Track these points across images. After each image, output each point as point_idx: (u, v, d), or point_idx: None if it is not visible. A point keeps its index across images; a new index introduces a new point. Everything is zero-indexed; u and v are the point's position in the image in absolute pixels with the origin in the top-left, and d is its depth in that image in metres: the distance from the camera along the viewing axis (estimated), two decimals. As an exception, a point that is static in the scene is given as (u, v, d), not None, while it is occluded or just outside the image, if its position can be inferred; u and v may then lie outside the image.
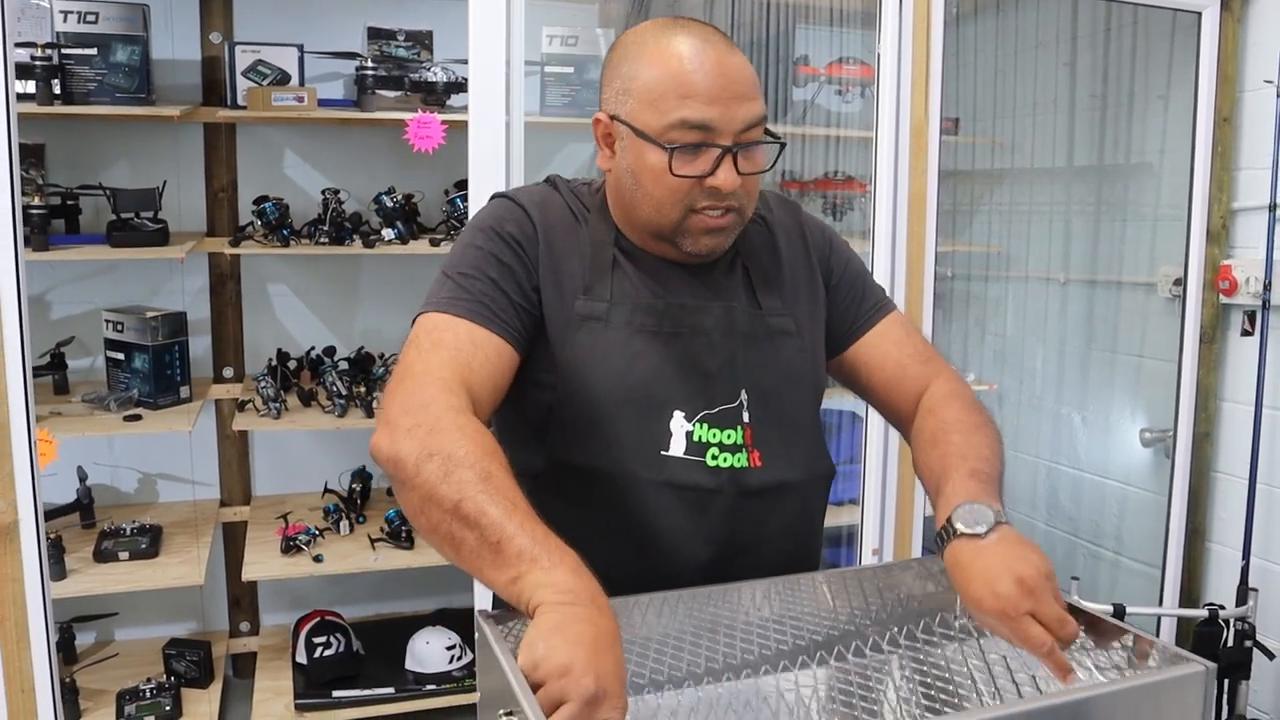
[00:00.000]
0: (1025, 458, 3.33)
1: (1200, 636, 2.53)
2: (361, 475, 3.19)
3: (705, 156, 1.17)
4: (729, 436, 1.23)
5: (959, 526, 1.08)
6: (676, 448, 1.21)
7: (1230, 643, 2.54)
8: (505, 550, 0.93)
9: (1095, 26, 3.03)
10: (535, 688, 0.82)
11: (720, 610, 1.14)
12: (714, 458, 1.21)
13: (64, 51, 2.67)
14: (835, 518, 2.76)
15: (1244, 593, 2.59)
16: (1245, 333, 2.69)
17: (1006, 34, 3.24)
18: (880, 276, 2.41)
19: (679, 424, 1.21)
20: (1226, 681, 2.50)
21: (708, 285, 1.28)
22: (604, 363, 1.21)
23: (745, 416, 1.24)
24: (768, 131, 1.22)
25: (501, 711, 0.83)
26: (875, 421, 2.43)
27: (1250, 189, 2.69)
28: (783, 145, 1.24)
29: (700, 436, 1.21)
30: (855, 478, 2.53)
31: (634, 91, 1.18)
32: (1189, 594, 2.85)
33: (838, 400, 2.94)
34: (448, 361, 1.11)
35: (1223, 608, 2.54)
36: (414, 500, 1.00)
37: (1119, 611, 2.47)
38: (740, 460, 1.22)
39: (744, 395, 1.24)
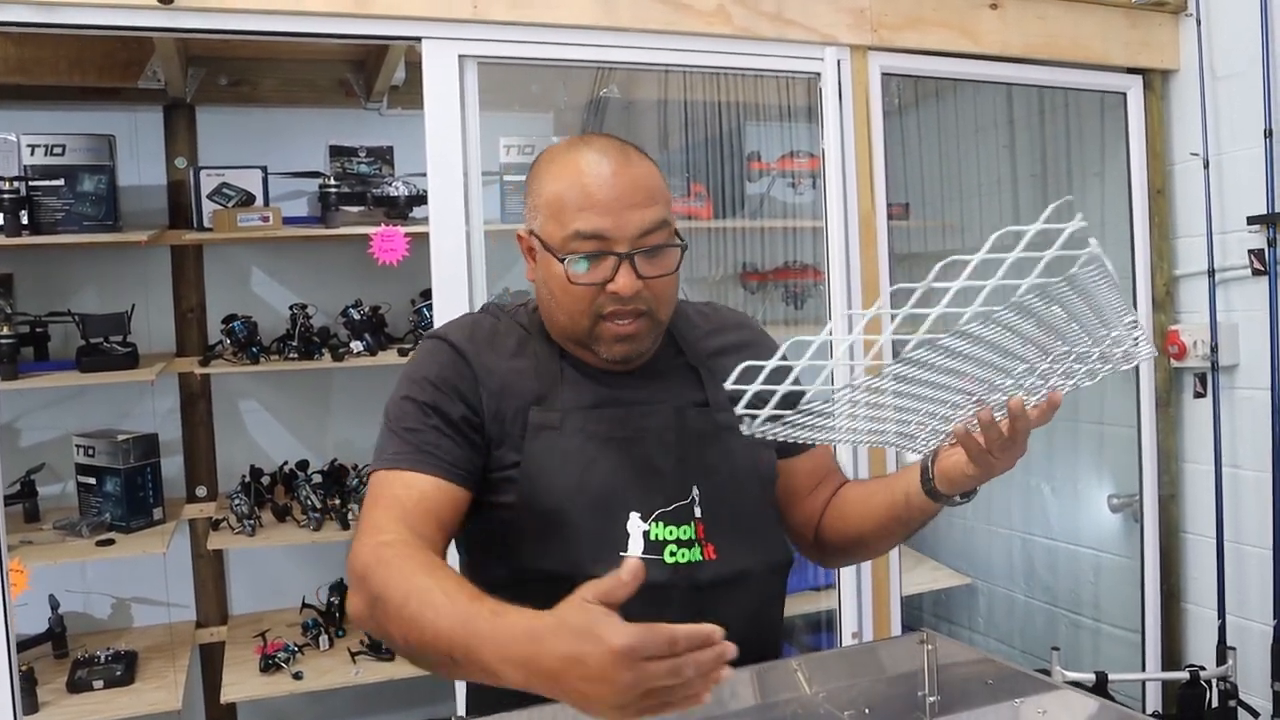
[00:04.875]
0: (999, 530, 3.36)
1: (1184, 699, 2.54)
2: (339, 588, 3.17)
3: (605, 264, 1.23)
4: (684, 532, 1.26)
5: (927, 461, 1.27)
6: (635, 548, 1.24)
7: (1214, 704, 2.54)
8: (458, 658, 0.97)
9: (1030, 109, 3.17)
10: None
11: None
12: (671, 554, 1.25)
13: (31, 184, 2.72)
14: (814, 603, 2.77)
15: (1223, 652, 2.61)
16: (1198, 395, 2.77)
17: (948, 120, 3.38)
18: (840, 360, 2.47)
19: (635, 525, 1.25)
20: (1214, 743, 2.51)
21: (655, 387, 1.33)
22: (560, 470, 1.25)
23: (697, 512, 1.28)
24: (677, 234, 1.28)
25: None
26: (846, 503, 2.45)
27: (1189, 256, 2.79)
28: (684, 248, 1.29)
29: (657, 535, 1.25)
30: (831, 560, 2.54)
31: (541, 207, 1.28)
32: (1170, 656, 2.86)
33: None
34: (385, 511, 1.18)
35: (1203, 668, 2.56)
36: (392, 646, 1.09)
37: (1101, 679, 2.48)
38: (694, 555, 1.26)
39: (695, 491, 1.28)
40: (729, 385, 1.02)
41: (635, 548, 1.24)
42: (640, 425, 1.29)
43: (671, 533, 1.25)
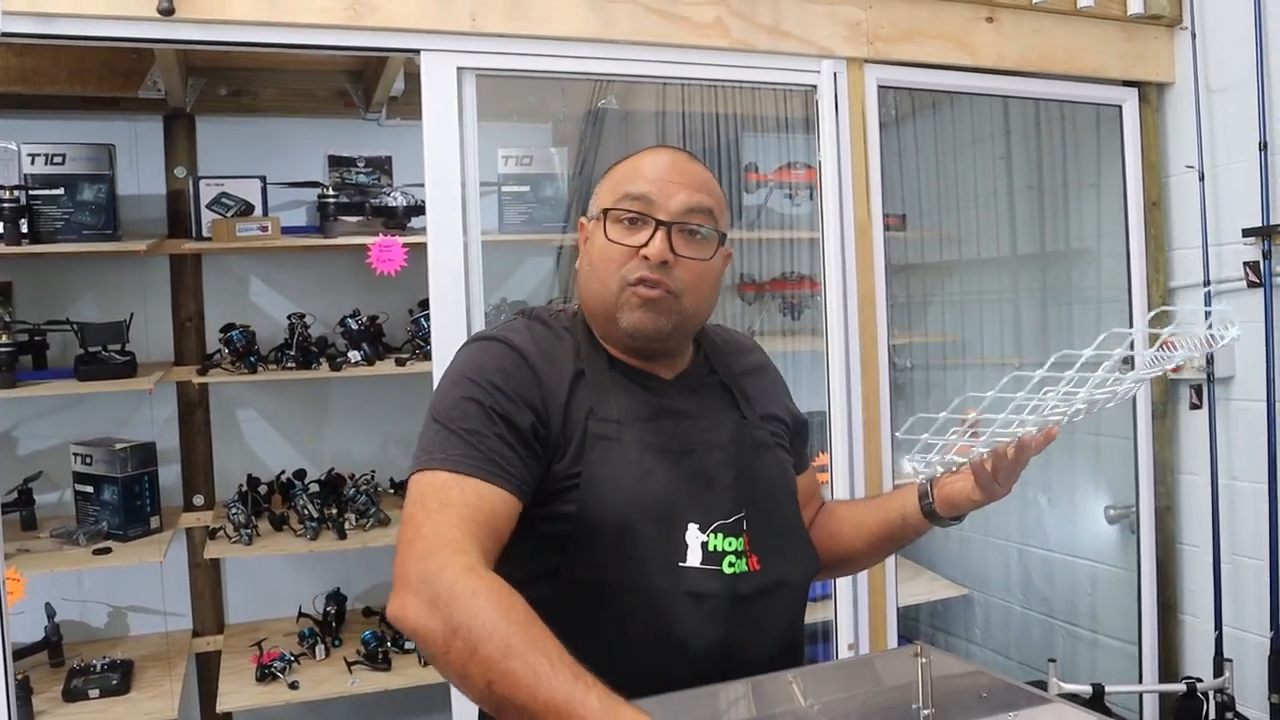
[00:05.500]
0: (996, 541, 3.36)
1: (1181, 711, 2.54)
2: (336, 598, 3.17)
3: (644, 230, 1.27)
4: (737, 544, 1.29)
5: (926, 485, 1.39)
6: (693, 558, 1.26)
7: (1211, 715, 2.54)
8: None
9: (1026, 121, 3.18)
10: None
11: (694, 715, 1.16)
12: (730, 565, 1.27)
13: (32, 193, 2.72)
14: (810, 614, 2.75)
15: (1219, 664, 2.61)
16: (1194, 406, 2.77)
17: (944, 132, 3.38)
18: (835, 372, 2.48)
19: (694, 535, 1.27)
20: (1211, 755, 2.51)
21: (698, 400, 1.36)
22: (620, 480, 1.25)
23: (745, 524, 1.30)
24: (724, 239, 1.32)
25: None
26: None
27: (1185, 268, 2.80)
28: (723, 236, 1.33)
29: (715, 546, 1.27)
30: (827, 571, 2.55)
31: (602, 190, 1.34)
32: (1167, 668, 2.86)
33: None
34: (456, 520, 1.13)
35: (1200, 680, 2.56)
36: (451, 675, 1.04)
37: (1098, 691, 2.48)
38: (742, 565, 1.28)
39: (745, 504, 1.31)
40: (901, 433, 1.23)
41: (694, 558, 1.25)
42: (699, 438, 1.31)
43: (730, 544, 1.28)
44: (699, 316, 1.35)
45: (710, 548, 1.26)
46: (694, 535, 1.26)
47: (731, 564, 1.27)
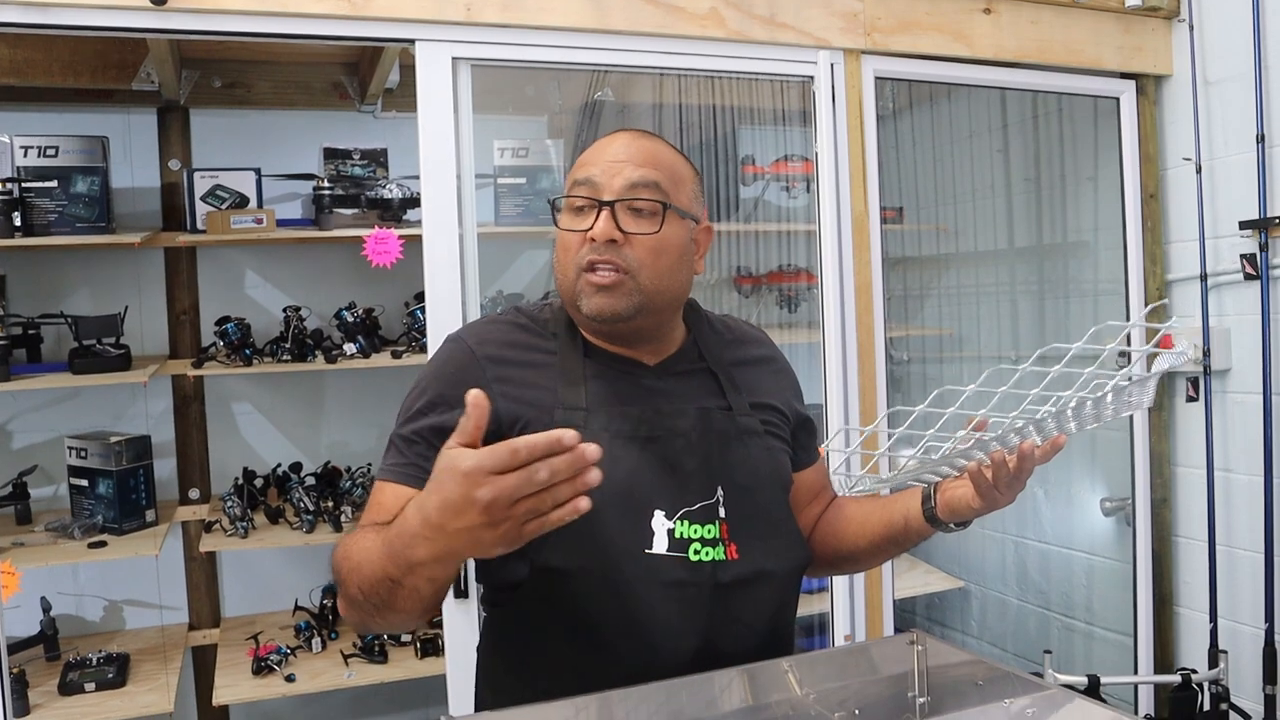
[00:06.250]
0: (992, 534, 3.37)
1: (1175, 702, 2.54)
2: (332, 591, 3.16)
3: (591, 215, 1.27)
4: (709, 531, 1.27)
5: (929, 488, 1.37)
6: (659, 545, 1.25)
7: (1206, 706, 2.55)
8: (399, 575, 1.02)
9: (1023, 114, 3.18)
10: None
11: (688, 703, 1.16)
12: (695, 552, 1.26)
13: (24, 185, 2.71)
14: (807, 606, 2.76)
15: (1214, 655, 2.61)
16: (1190, 399, 2.77)
17: (941, 125, 3.38)
18: (831, 364, 2.48)
19: (660, 522, 1.26)
20: (1206, 747, 2.51)
21: (678, 388, 1.35)
22: None
23: (721, 512, 1.29)
24: (669, 207, 1.29)
25: None
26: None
27: (1182, 260, 2.80)
28: (665, 205, 1.28)
29: (681, 533, 1.26)
30: (824, 563, 2.55)
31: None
32: (1162, 660, 2.86)
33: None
34: (369, 524, 1.20)
35: (1195, 671, 2.56)
36: (380, 625, 1.13)
37: (1094, 682, 2.49)
38: (718, 554, 1.27)
39: (720, 491, 1.30)
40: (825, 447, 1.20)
41: (660, 545, 1.25)
42: (666, 425, 1.30)
43: (696, 531, 1.27)
44: (664, 293, 1.31)
45: (677, 534, 1.26)
46: (660, 522, 1.26)
47: (698, 551, 1.26)
